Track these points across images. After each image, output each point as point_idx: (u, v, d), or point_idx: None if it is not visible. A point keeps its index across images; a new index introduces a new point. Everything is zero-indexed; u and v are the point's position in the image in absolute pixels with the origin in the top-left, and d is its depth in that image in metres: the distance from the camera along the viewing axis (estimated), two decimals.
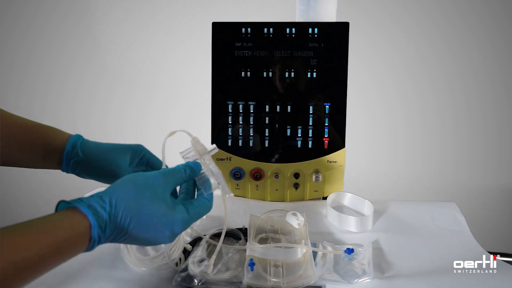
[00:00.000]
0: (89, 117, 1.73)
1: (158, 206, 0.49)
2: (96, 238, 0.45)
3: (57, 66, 1.69)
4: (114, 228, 0.46)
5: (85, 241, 0.44)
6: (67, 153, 0.60)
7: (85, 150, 0.61)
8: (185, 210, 0.52)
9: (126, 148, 0.63)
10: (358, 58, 0.97)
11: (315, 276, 0.61)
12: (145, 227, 0.48)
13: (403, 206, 0.83)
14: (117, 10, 1.61)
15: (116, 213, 0.46)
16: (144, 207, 0.48)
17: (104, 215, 0.45)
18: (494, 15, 1.43)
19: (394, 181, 1.60)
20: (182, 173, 0.55)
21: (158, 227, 0.49)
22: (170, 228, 0.50)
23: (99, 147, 0.62)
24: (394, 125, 1.57)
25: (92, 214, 0.45)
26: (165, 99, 1.62)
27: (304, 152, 0.85)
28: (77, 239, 0.44)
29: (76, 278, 0.63)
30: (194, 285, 0.60)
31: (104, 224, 0.45)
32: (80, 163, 0.61)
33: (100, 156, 0.61)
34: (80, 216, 0.44)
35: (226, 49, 0.85)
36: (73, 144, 0.61)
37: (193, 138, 0.60)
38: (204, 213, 0.55)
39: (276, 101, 0.85)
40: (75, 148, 0.61)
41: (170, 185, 0.52)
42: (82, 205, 0.45)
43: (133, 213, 0.47)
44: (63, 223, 0.43)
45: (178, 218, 0.50)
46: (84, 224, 0.44)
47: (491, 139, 1.53)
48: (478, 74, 1.48)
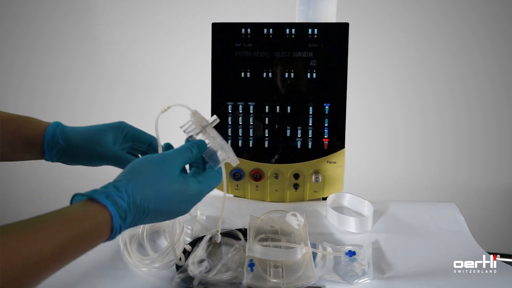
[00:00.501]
0: (89, 117, 1.72)
1: (172, 187, 0.50)
2: (117, 228, 0.46)
3: (57, 66, 1.69)
4: (135, 215, 0.47)
5: (107, 231, 0.45)
6: (48, 143, 0.59)
7: (66, 137, 0.60)
8: (197, 182, 0.53)
9: (107, 128, 0.62)
10: (358, 58, 0.97)
11: (315, 276, 0.61)
12: (163, 207, 0.50)
13: (403, 206, 0.83)
14: (117, 10, 1.61)
15: (135, 201, 0.47)
16: (159, 190, 0.49)
17: (124, 205, 0.46)
18: (494, 15, 1.43)
19: (394, 181, 1.60)
20: (189, 153, 0.55)
21: (175, 205, 0.51)
22: (187, 203, 0.52)
23: (79, 131, 0.61)
24: (394, 125, 1.57)
25: (112, 204, 0.45)
26: (165, 99, 1.62)
27: (304, 152, 0.85)
28: (99, 230, 0.45)
29: (76, 278, 0.63)
30: (194, 286, 0.60)
31: (124, 214, 0.46)
32: (64, 151, 0.60)
33: (82, 140, 0.60)
34: (100, 207, 0.45)
35: (226, 50, 0.85)
36: (53, 133, 0.60)
37: (192, 111, 0.58)
38: (215, 185, 0.56)
39: (276, 102, 0.85)
40: (55, 137, 0.59)
41: (179, 164, 0.53)
42: (101, 196, 0.45)
43: (150, 198, 0.48)
44: (85, 214, 0.44)
45: (193, 192, 0.52)
46: (105, 215, 0.45)
47: (491, 140, 1.53)
48: (478, 74, 1.48)
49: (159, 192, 0.49)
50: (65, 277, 0.62)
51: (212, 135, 0.57)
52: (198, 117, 0.57)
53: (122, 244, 0.68)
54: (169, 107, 0.59)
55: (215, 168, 0.57)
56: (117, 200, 0.46)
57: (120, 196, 0.46)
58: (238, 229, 0.73)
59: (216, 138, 0.57)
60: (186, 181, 0.52)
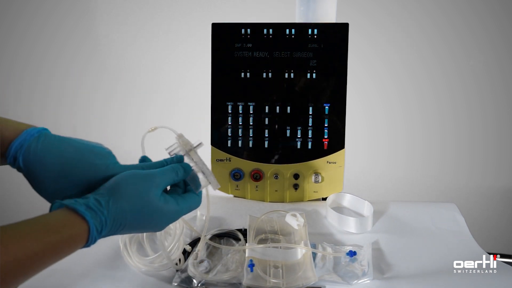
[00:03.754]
0: (88, 118, 1.73)
1: (152, 206, 0.51)
2: (92, 239, 0.47)
3: (57, 67, 1.69)
4: (111, 228, 0.48)
5: (83, 241, 0.46)
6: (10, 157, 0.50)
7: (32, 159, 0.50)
8: (176, 204, 0.54)
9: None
10: (358, 58, 0.97)
11: (314, 277, 0.61)
12: (140, 224, 0.51)
13: (402, 207, 0.83)
14: (117, 10, 1.61)
15: (113, 217, 0.48)
16: (139, 208, 0.50)
17: (102, 218, 0.47)
18: (494, 15, 1.43)
19: (394, 182, 1.60)
20: (174, 174, 0.56)
21: (152, 222, 0.52)
22: (161, 222, 0.53)
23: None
24: (394, 125, 1.57)
25: (91, 217, 0.46)
26: (165, 99, 1.62)
27: (304, 153, 0.85)
28: (75, 239, 0.45)
29: (76, 278, 0.63)
30: (194, 286, 0.60)
31: (101, 227, 0.47)
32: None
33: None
34: (79, 218, 0.46)
35: (226, 50, 0.85)
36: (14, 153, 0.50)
37: (177, 134, 0.60)
38: (194, 208, 0.57)
39: (275, 102, 0.85)
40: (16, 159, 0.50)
41: (163, 184, 0.54)
42: (81, 208, 0.46)
43: (128, 215, 0.49)
44: (64, 223, 0.45)
45: (170, 213, 0.53)
46: (83, 226, 0.46)
47: (491, 140, 1.53)
48: (478, 75, 1.48)
49: (139, 210, 0.50)
50: (65, 277, 0.62)
51: (195, 160, 0.59)
52: (183, 141, 0.60)
53: (122, 245, 0.68)
54: (156, 128, 0.61)
55: (196, 191, 0.58)
56: (97, 213, 0.47)
57: (100, 210, 0.47)
58: (238, 229, 0.73)
59: (199, 162, 0.59)
60: (167, 202, 0.53)
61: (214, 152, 0.86)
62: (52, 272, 0.63)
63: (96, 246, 0.48)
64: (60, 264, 0.55)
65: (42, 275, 0.63)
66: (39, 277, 0.62)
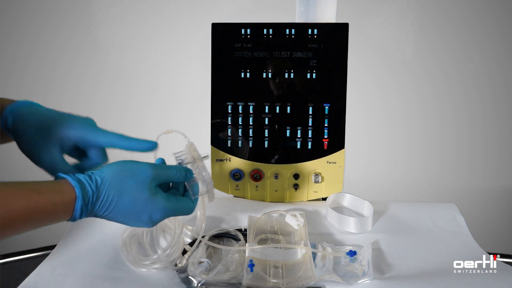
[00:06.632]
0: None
1: (141, 192, 0.53)
2: (78, 210, 0.49)
3: (57, 67, 1.69)
4: (97, 205, 0.50)
5: (69, 210, 0.48)
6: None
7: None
8: (166, 200, 0.55)
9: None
10: (358, 58, 0.97)
11: (315, 277, 0.61)
12: (125, 209, 0.52)
13: (402, 207, 0.83)
14: (117, 10, 1.61)
15: (100, 192, 0.50)
16: (126, 189, 0.52)
17: (89, 191, 0.49)
18: (494, 15, 1.43)
19: (394, 182, 1.60)
20: (173, 172, 0.57)
21: (137, 210, 0.53)
22: (148, 213, 0.54)
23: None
24: (394, 126, 1.56)
25: (80, 188, 0.49)
26: (165, 99, 1.62)
27: (304, 153, 0.85)
28: (62, 206, 0.48)
29: (76, 278, 0.63)
30: (194, 286, 0.60)
31: (88, 200, 0.49)
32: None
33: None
34: (69, 187, 0.49)
35: (226, 50, 0.85)
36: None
37: (189, 142, 0.62)
38: (185, 212, 0.58)
39: (275, 102, 0.85)
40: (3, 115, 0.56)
41: (159, 178, 0.55)
42: (72, 179, 0.49)
43: (115, 194, 0.51)
44: (53, 188, 0.48)
45: (157, 205, 0.54)
46: (71, 194, 0.48)
47: (491, 141, 1.53)
48: (478, 75, 1.48)
49: (126, 191, 0.52)
50: (65, 277, 0.62)
51: (199, 169, 0.61)
52: (192, 150, 0.62)
53: (122, 244, 0.68)
54: (171, 131, 0.63)
55: (192, 197, 0.59)
56: (86, 185, 0.49)
57: (89, 183, 0.50)
58: (238, 229, 0.73)
59: (202, 172, 0.61)
60: (156, 193, 0.54)
61: (214, 152, 0.86)
62: (52, 272, 0.64)
63: (96, 246, 0.49)
64: (60, 264, 0.55)
65: (42, 274, 0.64)
66: (39, 277, 0.62)
